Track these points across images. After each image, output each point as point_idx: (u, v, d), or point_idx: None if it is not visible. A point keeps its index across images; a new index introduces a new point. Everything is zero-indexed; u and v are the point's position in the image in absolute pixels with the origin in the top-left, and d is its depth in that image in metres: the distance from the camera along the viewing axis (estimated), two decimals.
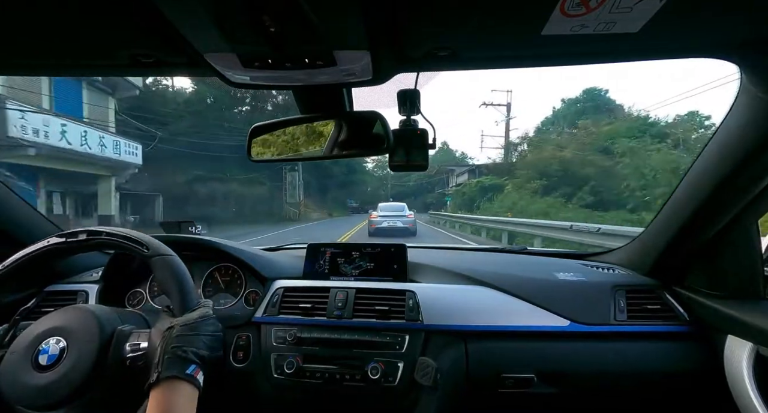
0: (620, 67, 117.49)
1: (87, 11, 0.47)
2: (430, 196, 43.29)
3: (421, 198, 45.59)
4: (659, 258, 1.02)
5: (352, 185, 40.40)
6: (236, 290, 1.11)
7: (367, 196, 45.20)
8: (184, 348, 0.58)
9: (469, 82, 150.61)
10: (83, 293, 1.04)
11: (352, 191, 41.50)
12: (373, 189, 50.67)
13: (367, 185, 48.22)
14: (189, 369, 0.56)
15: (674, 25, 0.50)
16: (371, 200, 37.79)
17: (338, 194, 37.34)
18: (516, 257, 1.34)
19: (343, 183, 36.27)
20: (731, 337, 0.85)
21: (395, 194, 46.33)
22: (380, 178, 53.47)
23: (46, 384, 0.57)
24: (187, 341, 0.59)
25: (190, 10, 0.44)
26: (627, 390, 0.93)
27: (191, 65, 0.59)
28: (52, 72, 0.74)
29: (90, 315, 0.64)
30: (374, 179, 52.93)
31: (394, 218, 8.51)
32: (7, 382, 0.58)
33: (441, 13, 0.47)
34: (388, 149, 0.75)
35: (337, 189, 36.00)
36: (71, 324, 0.62)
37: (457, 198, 23.66)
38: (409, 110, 0.78)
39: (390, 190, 49.40)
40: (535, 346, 0.94)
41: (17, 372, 0.58)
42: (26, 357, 0.59)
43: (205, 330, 0.63)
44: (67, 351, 0.60)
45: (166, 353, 0.57)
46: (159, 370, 0.55)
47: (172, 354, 0.57)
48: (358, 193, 43.35)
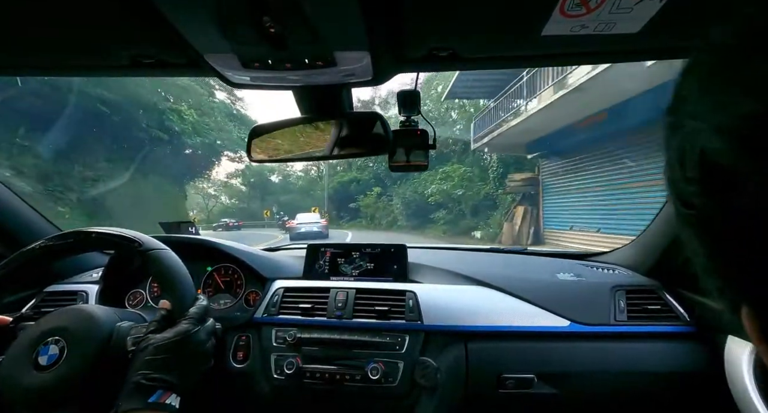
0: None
1: (88, 12, 0.47)
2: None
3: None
4: (659, 258, 1.02)
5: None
6: (236, 290, 1.10)
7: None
8: (150, 375, 0.55)
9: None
10: (83, 294, 1.04)
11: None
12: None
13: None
14: (153, 397, 0.53)
15: (674, 26, 0.50)
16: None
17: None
18: (516, 258, 1.34)
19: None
20: (732, 338, 0.84)
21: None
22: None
23: (45, 384, 0.57)
24: (157, 365, 0.56)
25: (191, 11, 0.44)
26: (627, 390, 0.93)
27: (191, 66, 0.60)
28: (53, 72, 0.73)
29: (89, 314, 0.64)
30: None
31: (311, 224, 10.58)
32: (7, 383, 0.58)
33: (441, 14, 0.47)
34: (388, 149, 0.75)
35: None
36: (70, 324, 0.62)
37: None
38: (409, 110, 0.78)
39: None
40: (536, 347, 0.94)
41: (17, 372, 0.58)
42: (26, 357, 0.59)
43: (185, 349, 0.60)
44: (66, 351, 0.60)
45: (128, 383, 0.54)
46: (119, 404, 0.52)
47: (134, 384, 0.54)
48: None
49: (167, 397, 0.54)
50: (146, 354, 0.57)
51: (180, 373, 0.58)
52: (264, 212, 22.79)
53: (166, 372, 0.56)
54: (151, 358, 0.57)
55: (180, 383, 0.57)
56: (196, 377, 0.62)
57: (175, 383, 0.56)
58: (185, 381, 0.59)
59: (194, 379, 0.62)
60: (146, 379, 0.54)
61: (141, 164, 12.31)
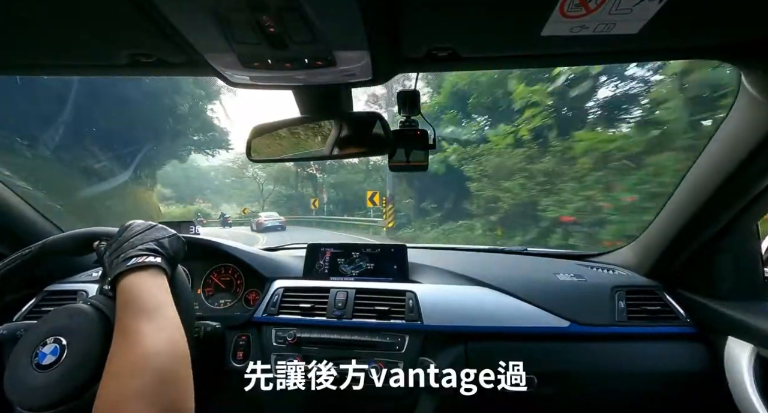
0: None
1: (87, 11, 0.47)
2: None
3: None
4: (659, 259, 1.02)
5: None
6: (236, 290, 1.11)
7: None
8: (112, 258, 0.60)
9: None
10: (83, 293, 1.04)
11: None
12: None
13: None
14: (128, 263, 0.57)
15: (673, 27, 0.50)
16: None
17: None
18: (516, 258, 1.34)
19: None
20: (732, 338, 0.84)
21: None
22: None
23: (47, 384, 0.57)
24: (117, 251, 0.60)
25: (191, 10, 0.44)
26: (627, 391, 0.93)
27: (191, 65, 0.60)
28: (52, 72, 0.73)
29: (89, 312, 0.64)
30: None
31: (274, 220, 14.67)
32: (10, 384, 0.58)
33: (440, 14, 0.47)
34: (388, 149, 0.75)
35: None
36: (71, 323, 0.62)
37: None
38: (409, 110, 0.78)
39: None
40: (536, 347, 0.94)
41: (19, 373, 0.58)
42: (27, 357, 0.60)
43: (141, 238, 0.62)
44: (67, 350, 0.60)
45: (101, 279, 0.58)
46: (105, 279, 0.58)
47: (105, 268, 0.59)
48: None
49: (144, 257, 0.58)
50: (106, 251, 0.63)
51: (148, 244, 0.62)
52: (312, 202, 19.21)
53: (130, 248, 0.60)
54: (111, 251, 0.62)
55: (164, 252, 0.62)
56: (175, 253, 0.66)
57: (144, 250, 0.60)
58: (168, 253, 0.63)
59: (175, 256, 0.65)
60: (111, 260, 0.60)
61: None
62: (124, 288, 0.55)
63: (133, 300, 0.53)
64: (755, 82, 0.63)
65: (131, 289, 0.55)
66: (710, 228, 0.87)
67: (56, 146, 9.43)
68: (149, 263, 0.58)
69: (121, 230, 0.66)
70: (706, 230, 0.88)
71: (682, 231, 0.91)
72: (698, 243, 0.91)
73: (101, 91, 10.38)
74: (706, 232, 0.88)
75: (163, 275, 0.59)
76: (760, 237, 0.90)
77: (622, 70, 5.92)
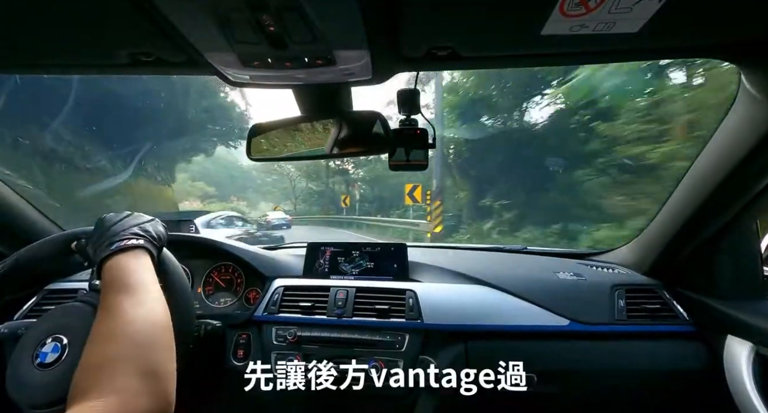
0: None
1: (87, 11, 0.47)
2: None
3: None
4: (659, 257, 1.02)
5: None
6: (236, 289, 1.11)
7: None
8: (95, 248, 0.61)
9: None
10: (84, 292, 1.05)
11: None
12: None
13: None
14: (112, 247, 0.58)
15: (673, 26, 0.50)
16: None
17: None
18: (516, 257, 1.34)
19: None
20: (731, 337, 0.85)
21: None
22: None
23: (48, 382, 0.57)
24: (99, 241, 0.62)
25: (191, 10, 0.44)
26: (626, 389, 0.93)
27: (191, 64, 0.60)
28: (53, 71, 0.73)
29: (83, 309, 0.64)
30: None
31: (281, 219, 15.24)
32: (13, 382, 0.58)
33: (440, 13, 0.47)
34: (388, 148, 0.75)
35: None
36: (71, 321, 0.63)
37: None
38: (409, 110, 0.78)
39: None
40: (535, 345, 0.94)
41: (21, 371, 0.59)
42: (28, 355, 0.60)
43: (122, 225, 0.64)
44: (68, 348, 0.60)
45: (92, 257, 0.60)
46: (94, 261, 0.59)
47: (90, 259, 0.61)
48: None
49: (126, 240, 0.60)
50: (88, 244, 0.65)
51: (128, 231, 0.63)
52: (342, 199, 16.84)
53: (111, 235, 0.62)
54: (93, 243, 0.63)
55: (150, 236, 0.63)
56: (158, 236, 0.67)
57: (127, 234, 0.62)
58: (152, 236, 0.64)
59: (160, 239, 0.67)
60: (93, 249, 0.61)
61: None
62: (109, 269, 0.57)
63: (116, 278, 0.55)
64: (755, 82, 0.63)
65: (116, 269, 0.56)
66: (710, 227, 0.87)
67: (59, 142, 9.44)
68: (132, 245, 0.59)
69: (98, 223, 0.67)
70: (706, 229, 0.88)
71: (682, 230, 0.91)
72: (698, 242, 0.92)
73: (102, 89, 10.40)
74: (706, 231, 0.88)
75: (147, 255, 0.61)
76: (760, 236, 0.90)
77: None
